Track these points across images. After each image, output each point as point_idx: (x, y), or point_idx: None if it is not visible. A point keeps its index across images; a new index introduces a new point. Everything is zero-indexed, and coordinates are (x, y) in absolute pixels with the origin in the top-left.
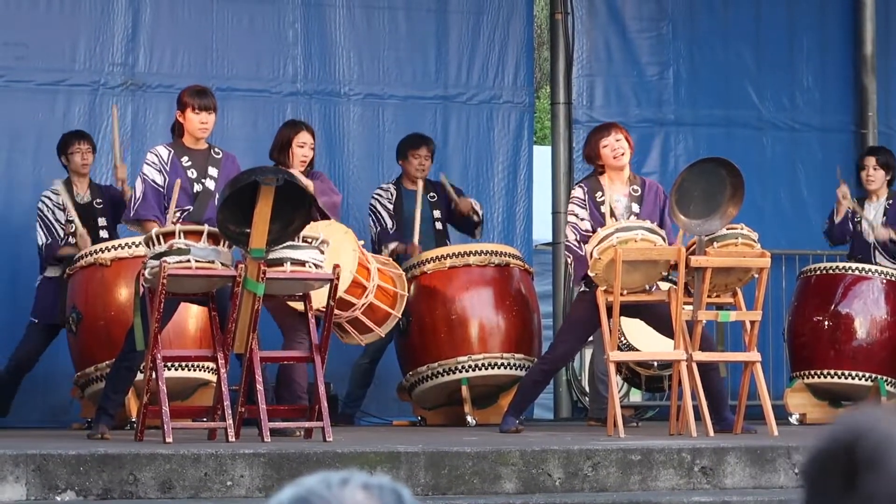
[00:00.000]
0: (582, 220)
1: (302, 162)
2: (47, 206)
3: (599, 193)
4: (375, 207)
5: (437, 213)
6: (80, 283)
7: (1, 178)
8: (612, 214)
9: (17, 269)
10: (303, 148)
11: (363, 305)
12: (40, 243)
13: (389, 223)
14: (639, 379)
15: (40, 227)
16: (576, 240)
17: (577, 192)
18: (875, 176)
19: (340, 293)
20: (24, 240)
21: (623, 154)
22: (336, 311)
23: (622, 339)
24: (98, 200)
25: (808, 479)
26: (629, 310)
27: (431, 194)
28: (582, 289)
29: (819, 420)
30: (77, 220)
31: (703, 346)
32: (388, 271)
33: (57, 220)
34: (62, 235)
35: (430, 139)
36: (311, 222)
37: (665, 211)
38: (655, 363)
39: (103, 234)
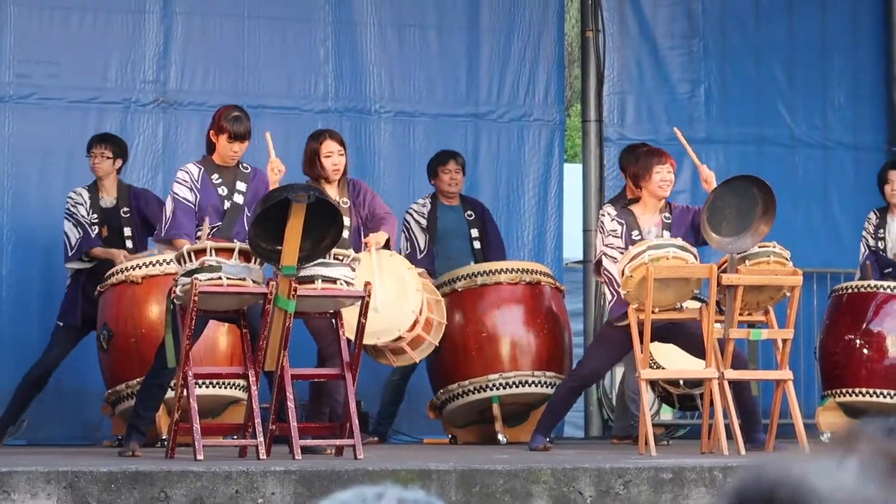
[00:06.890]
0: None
1: (335, 171)
2: (72, 203)
3: (636, 232)
4: (409, 224)
5: (474, 232)
6: (111, 301)
7: (32, 195)
8: None
9: (50, 283)
10: (330, 157)
11: (411, 338)
12: (72, 239)
13: (421, 242)
14: (672, 398)
15: (70, 223)
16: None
17: (615, 225)
18: None
19: (402, 332)
20: (56, 255)
21: (669, 187)
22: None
23: (651, 359)
24: (125, 209)
25: None
26: (660, 335)
27: (469, 212)
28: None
29: None
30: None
31: (735, 364)
32: (429, 299)
33: (84, 218)
34: (93, 233)
35: (458, 154)
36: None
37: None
38: (682, 382)
39: (129, 244)
